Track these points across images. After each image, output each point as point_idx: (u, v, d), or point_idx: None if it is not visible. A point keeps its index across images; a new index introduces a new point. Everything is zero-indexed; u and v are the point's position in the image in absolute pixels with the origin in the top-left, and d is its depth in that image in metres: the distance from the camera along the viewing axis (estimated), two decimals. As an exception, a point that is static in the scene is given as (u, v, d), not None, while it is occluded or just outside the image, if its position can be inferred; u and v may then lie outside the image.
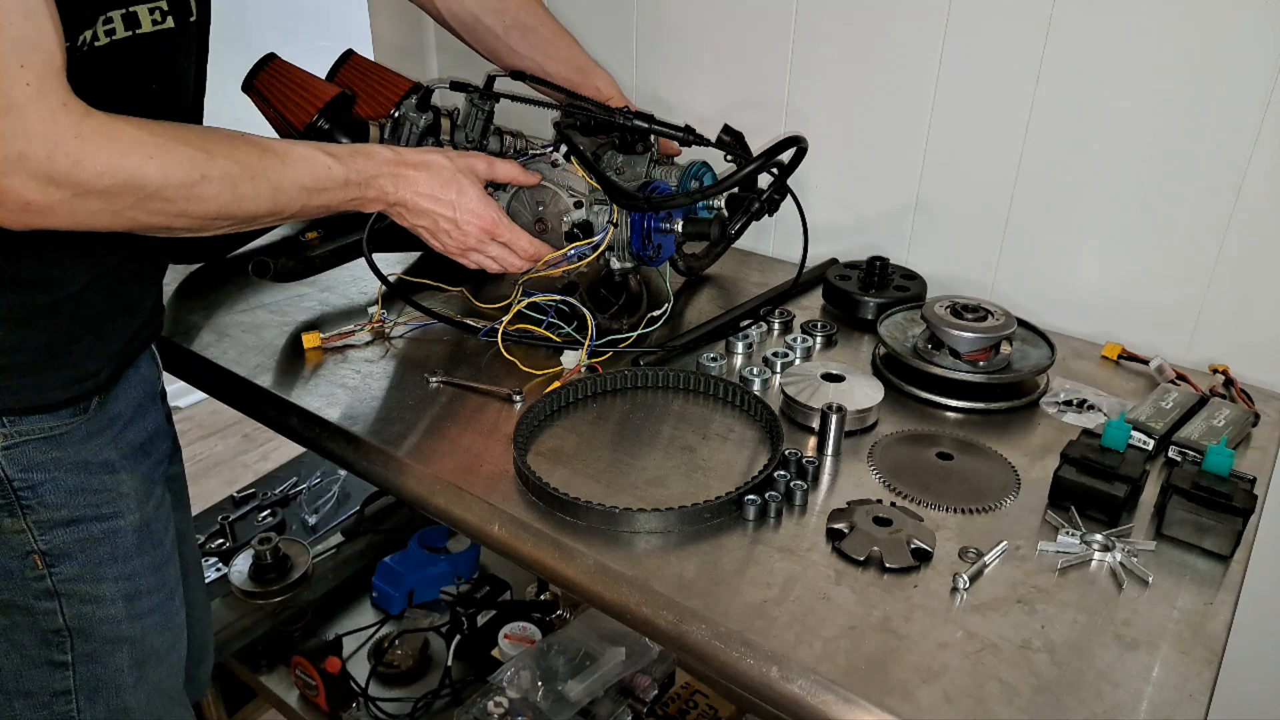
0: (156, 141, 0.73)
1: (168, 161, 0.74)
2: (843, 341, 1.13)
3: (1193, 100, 1.03)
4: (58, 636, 0.86)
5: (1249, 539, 0.78)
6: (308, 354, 1.07)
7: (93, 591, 0.87)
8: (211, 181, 0.77)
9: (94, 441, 0.86)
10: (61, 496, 0.84)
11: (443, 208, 0.94)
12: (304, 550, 1.65)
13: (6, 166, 0.67)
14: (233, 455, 2.67)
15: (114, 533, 0.88)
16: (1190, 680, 0.66)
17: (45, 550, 0.83)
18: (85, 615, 0.87)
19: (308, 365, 1.05)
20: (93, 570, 0.87)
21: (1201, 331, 1.10)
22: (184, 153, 0.75)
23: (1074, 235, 1.15)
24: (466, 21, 1.19)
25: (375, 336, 1.10)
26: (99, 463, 0.87)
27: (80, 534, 0.85)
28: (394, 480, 0.90)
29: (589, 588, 0.76)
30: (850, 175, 1.32)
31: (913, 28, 1.18)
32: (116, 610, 0.89)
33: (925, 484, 0.86)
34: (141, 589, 0.91)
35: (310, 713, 1.44)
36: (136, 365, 0.95)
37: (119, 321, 0.88)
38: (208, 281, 1.25)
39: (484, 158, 1.00)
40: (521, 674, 1.27)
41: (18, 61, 0.66)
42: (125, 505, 0.89)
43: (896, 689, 0.65)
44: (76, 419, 0.85)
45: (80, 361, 0.84)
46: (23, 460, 0.81)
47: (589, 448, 0.90)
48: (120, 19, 0.77)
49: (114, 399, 0.90)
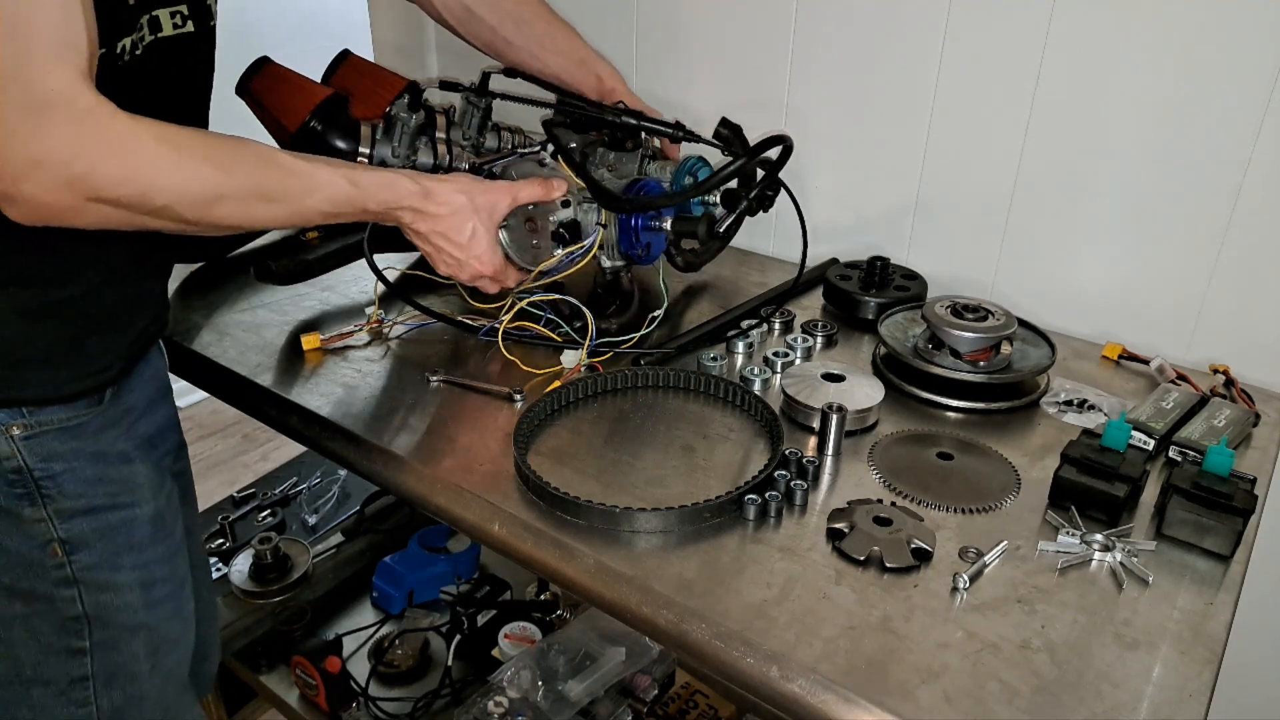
0: (176, 157, 0.73)
1: (185, 178, 0.73)
2: (843, 341, 1.13)
3: (1193, 100, 1.03)
4: (76, 624, 0.87)
5: (1249, 539, 0.78)
6: (307, 355, 1.07)
7: (111, 579, 0.88)
8: (227, 201, 0.77)
9: (109, 433, 0.87)
10: (80, 486, 0.85)
11: (452, 247, 0.96)
12: (304, 550, 1.65)
13: (26, 168, 0.67)
14: (233, 455, 2.67)
15: (130, 522, 0.89)
16: (1190, 680, 0.66)
17: (65, 539, 0.84)
18: (103, 603, 0.88)
19: (308, 365, 1.05)
20: (110, 559, 0.88)
21: (1202, 331, 1.10)
22: (203, 170, 0.74)
23: (1074, 235, 1.15)
24: (460, 15, 1.18)
25: (374, 337, 1.10)
26: (115, 453, 0.88)
27: (98, 523, 0.86)
28: (394, 479, 0.90)
29: (589, 587, 0.76)
30: (850, 175, 1.32)
31: (913, 27, 1.18)
32: (133, 598, 0.90)
33: (925, 484, 0.86)
34: (156, 577, 0.93)
35: (310, 712, 1.44)
36: (148, 359, 0.96)
37: (131, 315, 0.89)
38: (208, 281, 1.25)
39: (509, 191, 0.98)
40: (521, 674, 1.27)
41: (49, 62, 0.65)
42: (140, 495, 0.90)
43: (896, 689, 0.65)
44: (92, 410, 0.86)
45: (94, 354, 0.85)
46: (42, 450, 0.82)
47: (589, 447, 0.90)
48: (146, 23, 0.77)
49: (127, 391, 0.91)
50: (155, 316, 0.94)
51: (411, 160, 1.11)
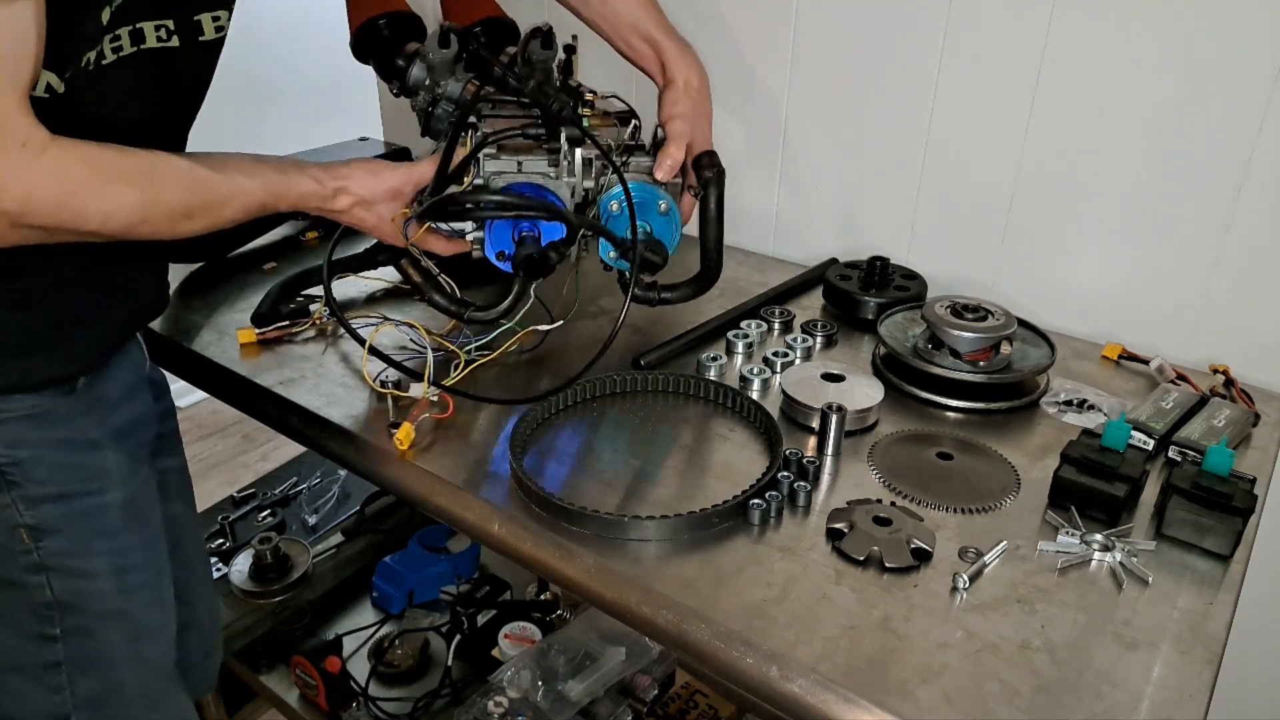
0: (105, 187, 0.75)
1: (112, 204, 0.76)
2: (843, 341, 1.13)
3: (1193, 100, 1.03)
4: (47, 610, 0.88)
5: (1249, 539, 0.78)
6: (243, 349, 1.08)
7: (82, 566, 0.89)
8: (150, 221, 0.79)
9: (79, 421, 0.88)
10: (47, 472, 0.85)
11: (365, 228, 0.98)
12: (304, 550, 1.65)
13: None
14: (233, 455, 2.67)
15: (101, 508, 0.89)
16: (1190, 680, 0.66)
17: (32, 525, 0.85)
18: (74, 589, 0.88)
19: (309, 364, 1.05)
20: (81, 545, 0.88)
21: (1202, 331, 1.10)
22: (129, 195, 0.76)
23: (1074, 235, 1.15)
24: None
25: (318, 332, 1.12)
26: (83, 441, 0.88)
27: (67, 509, 0.87)
28: (394, 479, 0.90)
29: (589, 587, 0.77)
30: (850, 175, 1.32)
31: (913, 27, 1.18)
32: (106, 585, 0.90)
33: (925, 484, 0.86)
34: (131, 564, 0.93)
35: (310, 712, 1.44)
36: (125, 351, 0.96)
37: (106, 308, 0.89)
38: (208, 281, 1.25)
39: (409, 174, 0.95)
40: (521, 674, 1.27)
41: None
42: (110, 482, 0.90)
43: (896, 689, 0.65)
44: (61, 398, 0.86)
45: (65, 345, 0.85)
46: (7, 437, 0.82)
47: (588, 447, 0.90)
48: (127, 35, 0.78)
49: (103, 380, 0.92)
50: (134, 310, 0.95)
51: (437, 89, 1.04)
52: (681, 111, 1.02)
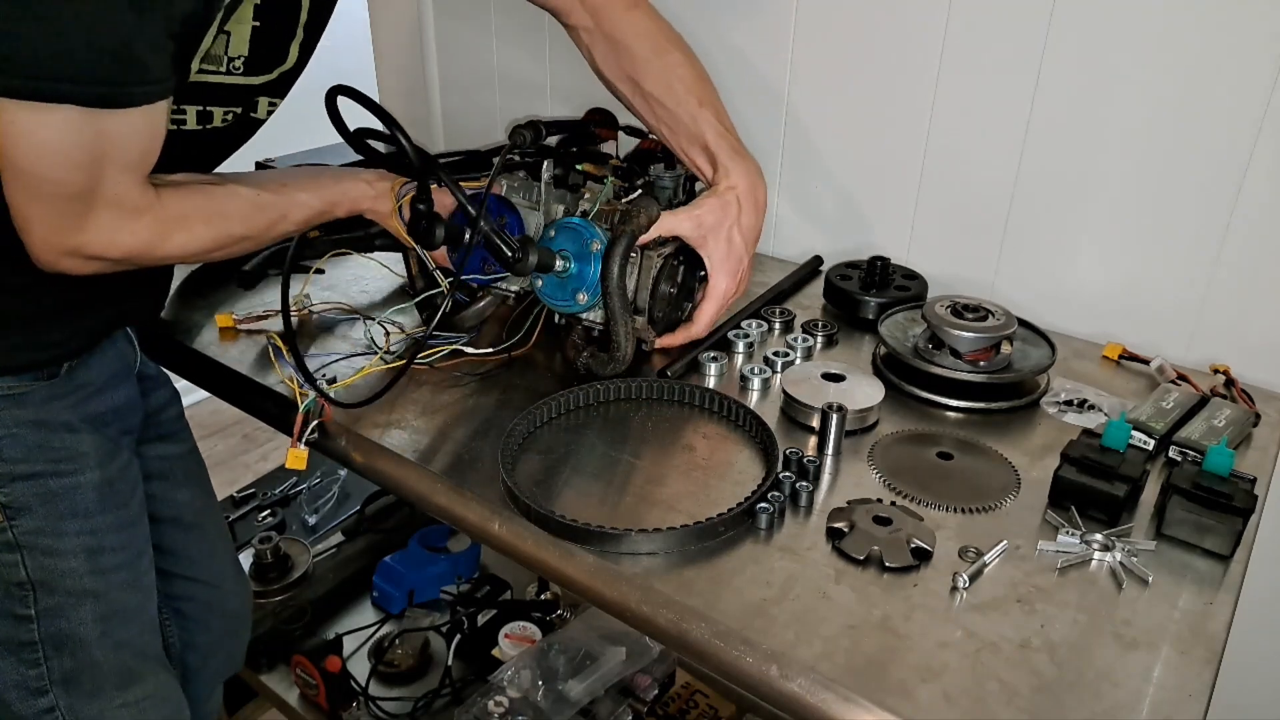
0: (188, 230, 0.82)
1: (192, 246, 0.83)
2: (843, 341, 1.13)
3: (1193, 100, 1.03)
4: (21, 589, 0.89)
5: (1249, 539, 0.78)
6: (221, 333, 1.10)
7: (54, 545, 0.90)
8: (220, 251, 0.87)
9: (55, 404, 0.89)
10: (20, 451, 0.86)
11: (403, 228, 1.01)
12: (304, 550, 1.65)
13: (63, 255, 0.76)
14: (233, 455, 2.67)
15: (74, 488, 0.90)
16: (1190, 680, 0.66)
17: (6, 503, 0.86)
18: (47, 568, 0.90)
19: (308, 364, 1.05)
20: (53, 524, 0.89)
21: (1202, 331, 1.10)
22: (206, 234, 0.84)
23: (1074, 235, 1.15)
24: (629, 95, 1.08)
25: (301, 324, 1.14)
26: (58, 422, 0.89)
27: (40, 488, 0.88)
28: (394, 479, 0.90)
29: (589, 586, 0.76)
30: (850, 175, 1.32)
31: (913, 27, 1.18)
32: (78, 564, 0.91)
33: (925, 484, 0.86)
34: (105, 545, 0.94)
35: (310, 712, 1.44)
36: (113, 339, 0.97)
37: (94, 299, 0.90)
38: (208, 281, 1.25)
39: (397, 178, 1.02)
40: (522, 673, 1.27)
41: (120, 174, 0.74)
42: (85, 463, 0.91)
43: (896, 688, 0.65)
44: (39, 382, 0.87)
45: (49, 331, 0.87)
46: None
47: (587, 447, 0.90)
48: (194, 114, 0.86)
49: (85, 368, 0.92)
50: (124, 307, 0.96)
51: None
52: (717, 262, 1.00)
